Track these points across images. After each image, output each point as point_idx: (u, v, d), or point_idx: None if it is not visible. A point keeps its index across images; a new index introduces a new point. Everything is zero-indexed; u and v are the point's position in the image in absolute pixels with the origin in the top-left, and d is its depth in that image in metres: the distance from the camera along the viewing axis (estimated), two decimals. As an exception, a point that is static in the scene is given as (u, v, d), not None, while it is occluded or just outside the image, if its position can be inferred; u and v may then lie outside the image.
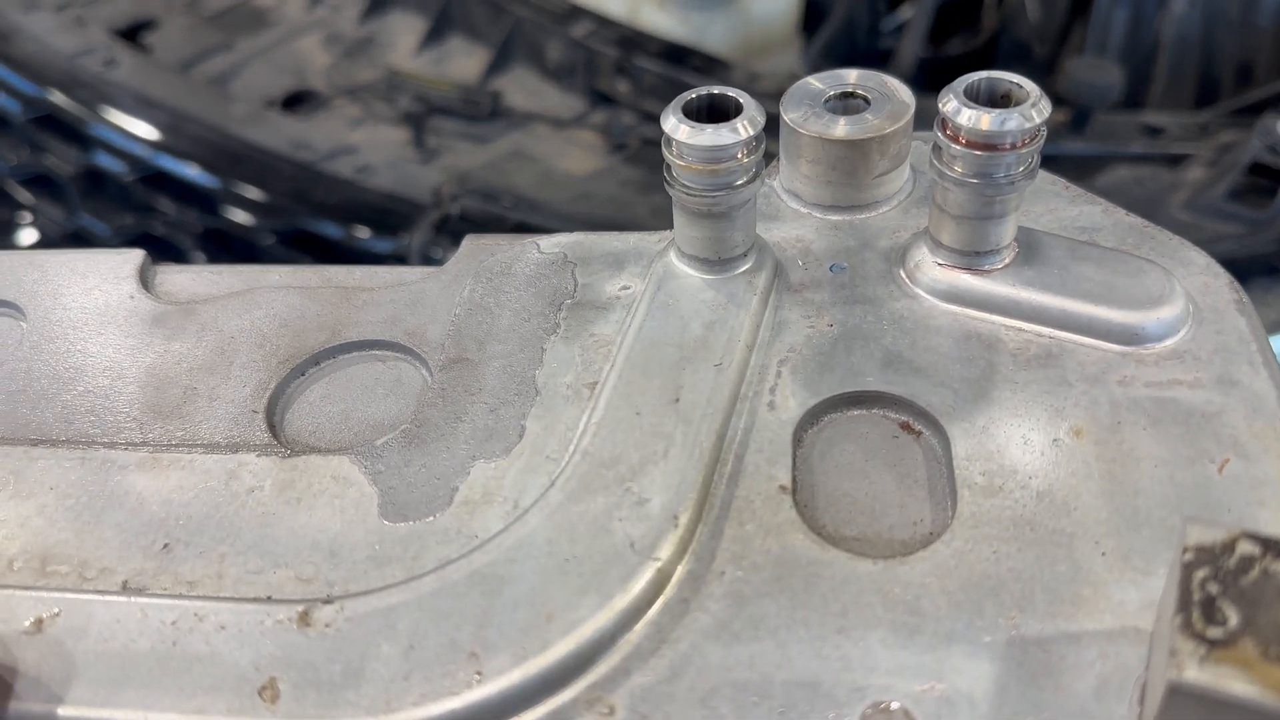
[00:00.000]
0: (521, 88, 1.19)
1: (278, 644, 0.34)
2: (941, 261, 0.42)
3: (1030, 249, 0.42)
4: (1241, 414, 0.37)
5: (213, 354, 0.45)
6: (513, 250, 0.47)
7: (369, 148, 1.08)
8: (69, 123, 1.14)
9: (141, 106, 1.12)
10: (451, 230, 0.98)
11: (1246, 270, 0.88)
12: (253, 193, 1.05)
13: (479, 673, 0.32)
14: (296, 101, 1.21)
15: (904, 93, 0.45)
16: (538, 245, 0.47)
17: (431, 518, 0.37)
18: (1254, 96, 1.24)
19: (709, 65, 1.11)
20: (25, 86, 1.17)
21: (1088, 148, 1.06)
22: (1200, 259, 0.43)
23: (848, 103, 0.46)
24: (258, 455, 0.40)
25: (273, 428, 0.42)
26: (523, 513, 0.36)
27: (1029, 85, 0.38)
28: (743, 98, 0.39)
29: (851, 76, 0.46)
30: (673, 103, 0.40)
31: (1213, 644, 0.26)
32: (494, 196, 0.97)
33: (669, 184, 0.40)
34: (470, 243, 0.48)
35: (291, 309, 0.46)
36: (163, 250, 1.14)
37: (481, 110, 1.13)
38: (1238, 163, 0.96)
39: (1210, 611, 0.26)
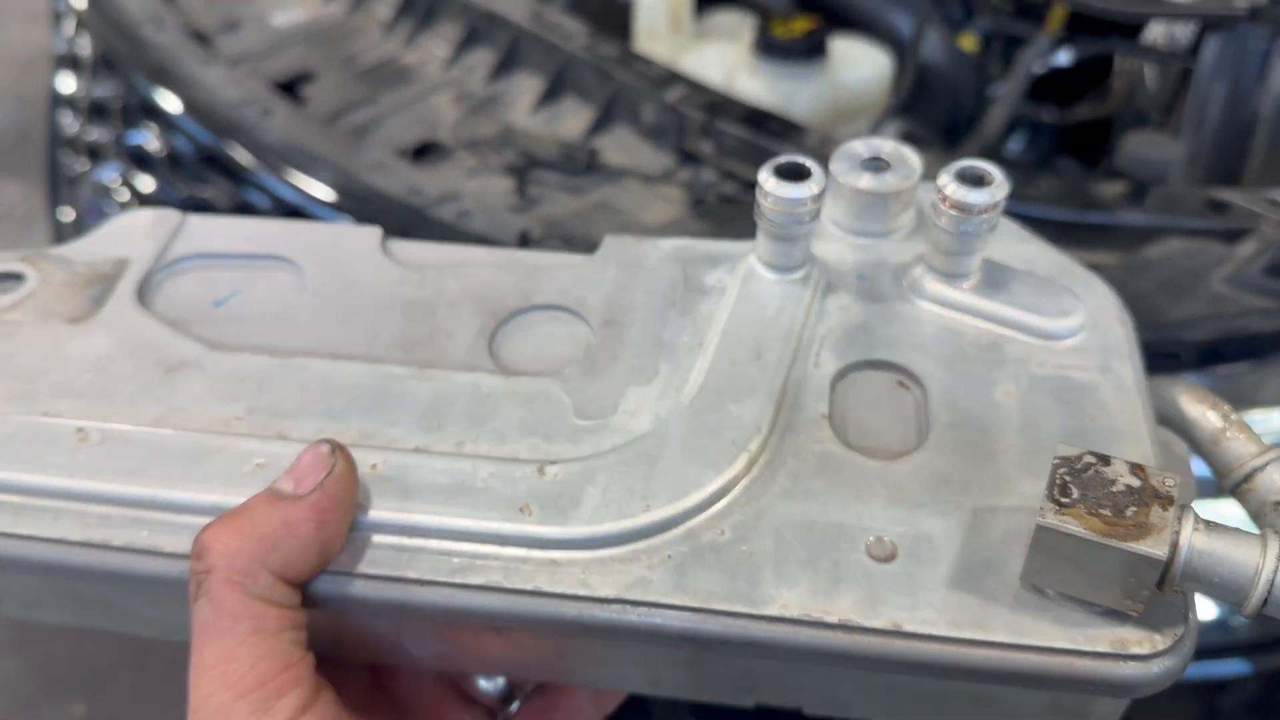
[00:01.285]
0: (620, 145, 1.30)
1: (526, 485, 0.51)
2: (931, 278, 0.60)
3: (989, 273, 0.60)
4: (1111, 389, 0.56)
5: (446, 306, 0.62)
6: (641, 248, 0.65)
7: (474, 195, 1.20)
8: (227, 163, 1.31)
9: (288, 152, 1.28)
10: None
11: (1269, 345, 0.91)
12: (371, 231, 1.20)
13: (648, 506, 0.50)
14: (424, 152, 1.35)
15: (915, 161, 0.63)
16: (658, 245, 0.65)
17: (605, 419, 0.55)
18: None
19: (785, 130, 1.19)
20: (197, 131, 1.35)
21: (1144, 218, 1.09)
22: (1101, 288, 0.62)
23: (876, 164, 0.63)
24: (489, 374, 0.58)
25: (494, 357, 0.60)
26: (664, 421, 0.54)
27: (997, 173, 0.56)
28: (813, 165, 0.57)
29: (886, 148, 0.63)
30: (767, 163, 0.57)
31: (1062, 505, 0.44)
32: (571, 242, 1.08)
33: (758, 216, 0.58)
34: (610, 241, 0.66)
35: (495, 279, 0.64)
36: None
37: (578, 165, 1.24)
38: (1278, 239, 0.98)
39: (1064, 489, 0.44)
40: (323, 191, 1.22)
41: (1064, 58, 1.54)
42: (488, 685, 0.61)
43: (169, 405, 0.56)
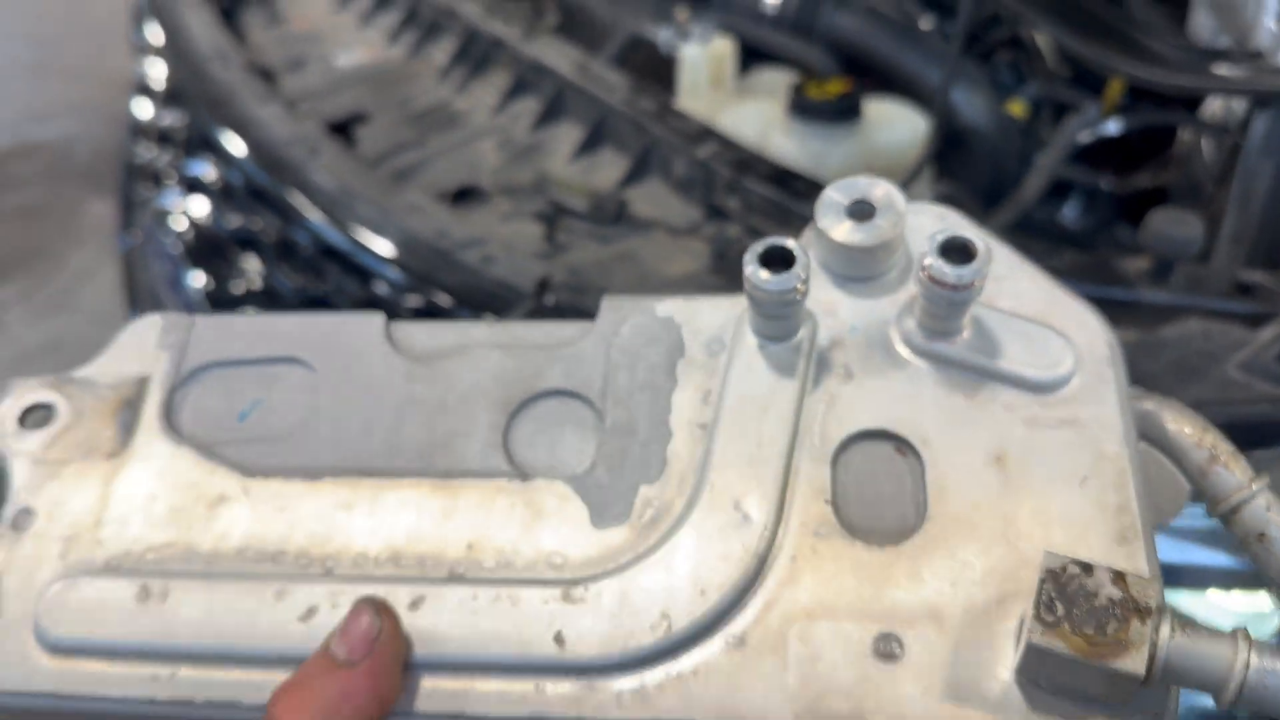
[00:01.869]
0: (651, 197, 1.31)
1: (555, 610, 0.53)
2: (922, 335, 0.59)
3: (980, 326, 0.59)
4: (1100, 446, 0.55)
5: (457, 401, 0.63)
6: (638, 313, 0.64)
7: (502, 240, 1.22)
8: (273, 199, 1.36)
9: (330, 192, 1.32)
10: (543, 317, 1.11)
11: (1275, 435, 0.88)
12: (399, 272, 1.23)
13: (669, 626, 0.52)
14: (464, 196, 1.38)
15: (900, 204, 0.60)
16: (654, 310, 0.64)
17: (620, 526, 0.56)
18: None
19: (811, 190, 1.20)
20: (249, 167, 1.41)
21: (1167, 297, 1.07)
22: (1094, 321, 0.60)
23: (860, 207, 0.61)
24: (508, 479, 0.59)
25: (509, 456, 0.60)
26: (676, 523, 0.55)
27: (981, 245, 0.54)
28: (799, 251, 0.56)
29: (876, 191, 0.61)
30: (750, 250, 0.56)
31: (1047, 624, 0.46)
32: (582, 291, 1.10)
33: (748, 295, 0.57)
34: (608, 304, 0.65)
35: (500, 365, 0.64)
36: (325, 308, 1.34)
37: (606, 215, 1.26)
38: (1296, 327, 0.96)
39: (1050, 605, 0.46)
40: (358, 233, 1.26)
41: (1113, 127, 1.53)
42: None
43: (219, 548, 0.59)
